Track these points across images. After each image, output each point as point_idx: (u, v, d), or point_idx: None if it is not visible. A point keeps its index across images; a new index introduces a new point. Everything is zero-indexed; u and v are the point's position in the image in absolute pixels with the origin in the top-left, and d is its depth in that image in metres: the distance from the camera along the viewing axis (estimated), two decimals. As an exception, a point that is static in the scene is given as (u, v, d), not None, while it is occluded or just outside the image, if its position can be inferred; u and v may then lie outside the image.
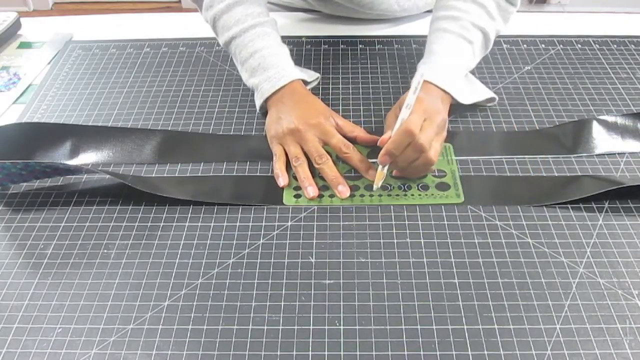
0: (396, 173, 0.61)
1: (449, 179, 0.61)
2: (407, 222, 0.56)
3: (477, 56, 0.69)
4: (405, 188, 0.60)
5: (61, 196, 0.60)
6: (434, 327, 0.47)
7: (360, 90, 0.75)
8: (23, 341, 0.47)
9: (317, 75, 0.74)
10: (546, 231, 0.55)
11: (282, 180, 0.60)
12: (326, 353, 0.46)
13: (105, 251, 0.54)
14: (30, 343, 0.47)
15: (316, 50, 0.83)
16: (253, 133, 0.68)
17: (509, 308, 0.48)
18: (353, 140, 0.64)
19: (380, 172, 0.59)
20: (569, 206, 0.57)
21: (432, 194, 0.59)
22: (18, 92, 0.77)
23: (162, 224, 0.57)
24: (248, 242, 0.55)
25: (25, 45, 0.87)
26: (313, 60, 0.81)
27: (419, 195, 0.59)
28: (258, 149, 0.65)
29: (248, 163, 0.64)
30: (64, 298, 0.50)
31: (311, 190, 0.59)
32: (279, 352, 0.46)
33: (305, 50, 0.83)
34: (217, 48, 0.83)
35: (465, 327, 0.47)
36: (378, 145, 0.58)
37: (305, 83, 0.70)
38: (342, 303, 0.49)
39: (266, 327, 0.48)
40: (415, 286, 0.50)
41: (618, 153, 0.64)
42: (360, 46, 0.83)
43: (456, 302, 0.49)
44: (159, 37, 0.83)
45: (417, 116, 0.57)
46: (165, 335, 0.47)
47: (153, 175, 0.63)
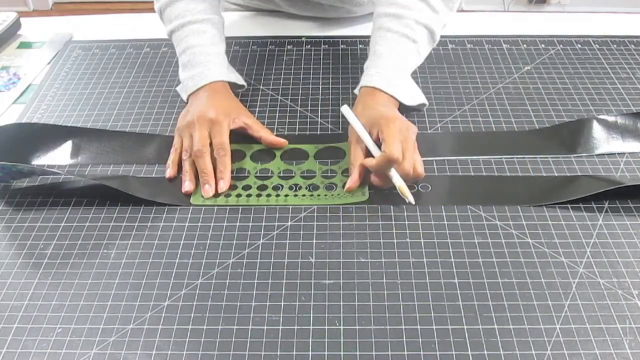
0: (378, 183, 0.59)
1: None
2: (407, 222, 0.56)
3: (423, 54, 0.68)
4: (311, 189, 0.60)
5: (61, 196, 0.60)
6: (434, 327, 0.47)
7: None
8: (23, 341, 0.47)
9: (244, 83, 0.73)
10: (546, 231, 0.55)
11: (187, 185, 0.60)
12: (326, 353, 0.46)
13: (105, 251, 0.54)
14: (30, 343, 0.47)
15: (316, 50, 0.83)
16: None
17: (509, 308, 0.48)
18: (257, 140, 0.65)
19: (401, 187, 0.57)
20: (569, 206, 0.57)
21: (339, 194, 0.59)
22: (18, 92, 0.77)
23: (162, 224, 0.57)
24: (248, 242, 0.55)
25: (25, 45, 0.87)
26: (313, 60, 0.81)
27: (325, 195, 0.59)
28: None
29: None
30: (64, 298, 0.50)
31: (187, 184, 0.60)
32: (279, 352, 0.46)
33: (305, 50, 0.83)
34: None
35: (465, 327, 0.47)
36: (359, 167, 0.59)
37: (236, 85, 0.71)
38: (342, 303, 0.49)
39: (266, 327, 0.47)
40: (415, 286, 0.50)
41: (618, 153, 0.64)
42: (360, 46, 0.83)
43: (456, 302, 0.49)
44: (159, 37, 0.83)
45: (396, 142, 0.56)
46: (165, 335, 0.47)
47: (153, 175, 0.63)
